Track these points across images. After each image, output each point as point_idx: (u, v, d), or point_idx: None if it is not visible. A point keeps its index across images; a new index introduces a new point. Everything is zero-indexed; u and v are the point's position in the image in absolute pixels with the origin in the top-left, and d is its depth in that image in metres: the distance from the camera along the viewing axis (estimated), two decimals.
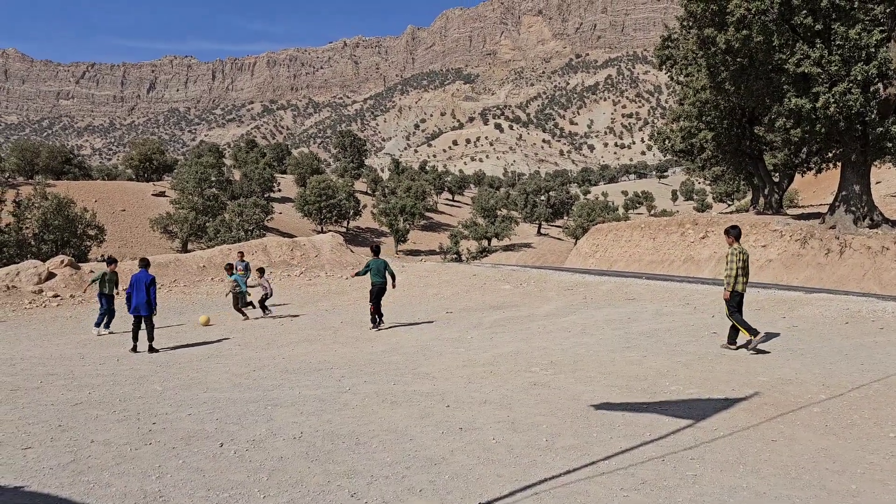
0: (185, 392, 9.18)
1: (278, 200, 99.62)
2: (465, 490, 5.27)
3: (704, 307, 15.99)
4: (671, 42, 39.29)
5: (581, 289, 21.52)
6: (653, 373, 9.39)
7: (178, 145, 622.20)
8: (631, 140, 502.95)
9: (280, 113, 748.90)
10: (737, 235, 10.90)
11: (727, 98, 29.31)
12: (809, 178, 51.05)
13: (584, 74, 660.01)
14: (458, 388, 8.89)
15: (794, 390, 8.11)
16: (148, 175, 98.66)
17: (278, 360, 11.92)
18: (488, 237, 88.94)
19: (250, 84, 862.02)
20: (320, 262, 31.11)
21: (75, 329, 17.52)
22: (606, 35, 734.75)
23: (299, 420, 7.48)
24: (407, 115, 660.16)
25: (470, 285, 24.01)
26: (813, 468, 5.53)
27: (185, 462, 6.09)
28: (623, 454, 6.00)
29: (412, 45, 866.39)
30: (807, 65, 23.24)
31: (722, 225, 32.76)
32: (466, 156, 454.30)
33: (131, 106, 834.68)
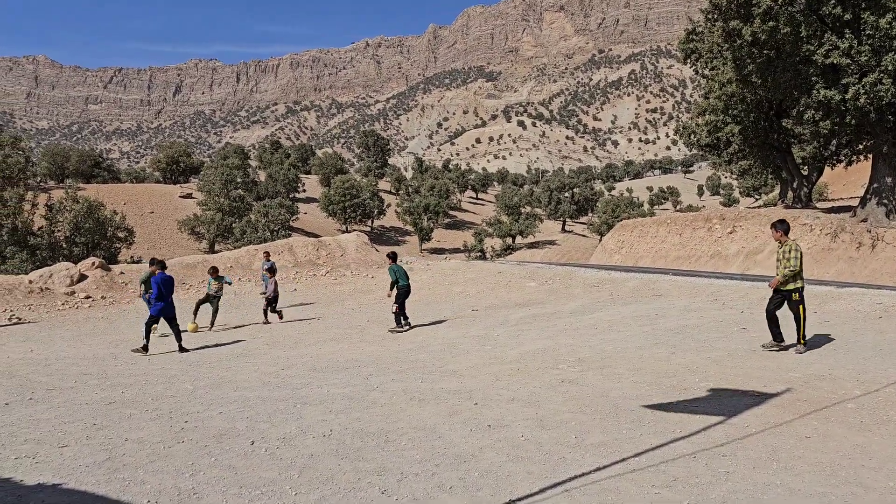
0: (215, 391, 9.29)
1: (303, 201, 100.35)
2: (495, 487, 5.27)
3: (733, 303, 15.81)
4: (696, 35, 38.87)
5: (607, 285, 21.39)
6: (682, 369, 9.30)
7: (204, 147, 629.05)
8: (655, 135, 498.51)
9: (304, 114, 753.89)
10: (786, 230, 10.26)
11: (754, 91, 28.91)
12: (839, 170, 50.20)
13: (608, 70, 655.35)
14: (485, 386, 8.89)
15: (828, 386, 7.99)
16: (175, 177, 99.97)
17: (306, 358, 12.01)
18: (512, 235, 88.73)
19: (274, 86, 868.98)
20: (346, 262, 31.27)
21: (107, 330, 17.80)
22: (629, 30, 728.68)
23: (328, 418, 7.53)
24: (429, 114, 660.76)
25: (495, 283, 23.98)
26: (848, 465, 5.44)
27: (218, 460, 6.17)
28: (653, 451, 5.96)
29: (434, 43, 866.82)
30: (836, 55, 22.84)
31: (750, 220, 32.35)
32: (489, 153, 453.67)
33: (158, 109, 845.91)
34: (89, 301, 22.78)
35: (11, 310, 20.73)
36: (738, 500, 4.81)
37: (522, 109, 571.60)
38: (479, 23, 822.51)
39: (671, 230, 38.03)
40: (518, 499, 5.03)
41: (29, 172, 61.09)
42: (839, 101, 23.46)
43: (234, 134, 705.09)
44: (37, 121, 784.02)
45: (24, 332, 17.39)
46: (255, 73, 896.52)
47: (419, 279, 26.51)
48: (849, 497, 4.80)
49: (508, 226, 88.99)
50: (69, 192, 47.39)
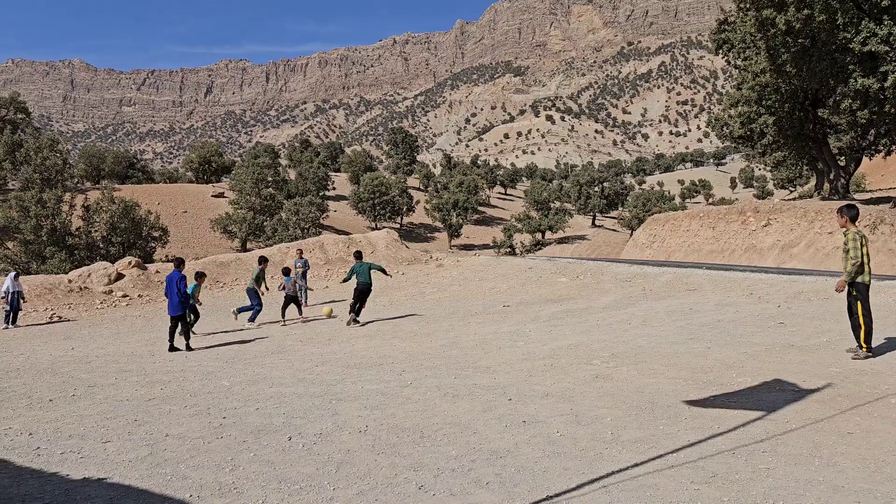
0: (251, 387, 9.41)
1: (333, 198, 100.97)
2: (532, 483, 5.26)
3: (769, 297, 15.56)
4: (728, 25, 38.31)
5: (639, 280, 21.20)
6: (718, 364, 9.19)
7: (235, 147, 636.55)
8: (686, 128, 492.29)
9: (332, 112, 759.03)
10: (853, 217, 9.02)
11: (788, 81, 28.43)
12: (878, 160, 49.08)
13: (637, 62, 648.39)
14: (519, 382, 8.87)
15: (869, 381, 7.83)
16: (207, 177, 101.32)
17: (339, 355, 12.11)
18: (542, 230, 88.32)
19: (303, 84, 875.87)
20: (376, 259, 31.41)
21: (144, 328, 18.12)
22: (659, 21, 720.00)
23: (363, 414, 7.59)
24: (457, 110, 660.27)
25: (526, 279, 23.92)
26: (893, 461, 5.33)
27: (256, 455, 6.25)
28: (691, 447, 5.90)
29: (461, 39, 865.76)
30: (874, 43, 22.33)
31: (785, 212, 31.81)
32: (518, 149, 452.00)
33: (190, 110, 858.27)
34: (126, 299, 23.22)
35: (52, 308, 21.22)
36: (780, 497, 4.74)
37: (551, 104, 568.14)
38: (507, 17, 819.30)
39: (704, 224, 37.55)
40: (555, 494, 5.02)
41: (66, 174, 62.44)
42: (878, 89, 22.95)
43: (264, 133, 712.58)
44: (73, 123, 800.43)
45: (65, 330, 17.79)
46: (285, 73, 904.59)
47: (449, 275, 26.55)
48: (894, 493, 4.70)
49: (538, 221, 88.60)
50: (105, 193, 48.31)
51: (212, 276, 26.86)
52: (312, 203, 76.83)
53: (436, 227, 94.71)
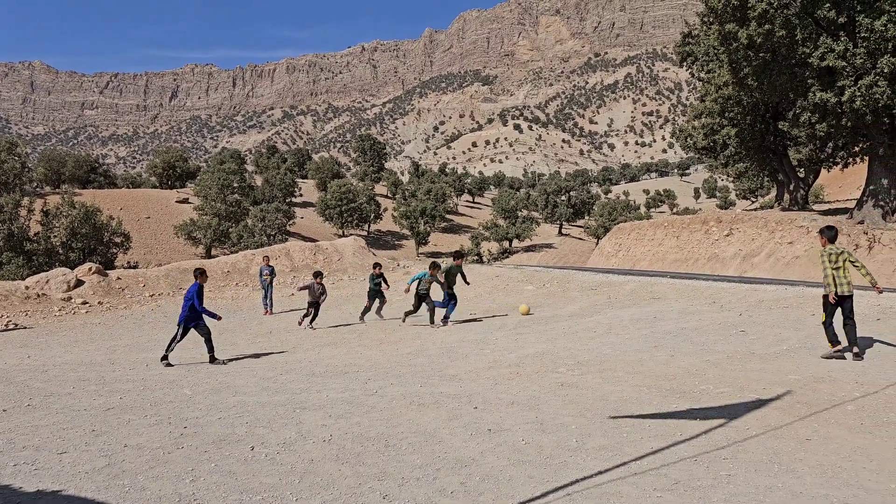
0: (214, 396, 9.26)
1: (300, 205, 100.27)
2: (497, 491, 5.26)
3: (731, 306, 15.82)
4: (692, 38, 39.02)
5: (605, 288, 21.39)
6: (682, 372, 9.30)
7: (201, 152, 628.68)
8: (652, 138, 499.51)
9: (300, 118, 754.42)
10: (830, 237, 10.02)
11: (750, 94, 29.02)
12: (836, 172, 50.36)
13: (604, 73, 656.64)
14: (485, 390, 8.87)
15: (827, 388, 7.99)
16: (171, 182, 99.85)
17: (304, 363, 11.99)
18: (509, 238, 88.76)
19: (270, 90, 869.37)
20: (343, 266, 31.25)
21: (104, 335, 17.75)
22: (625, 33, 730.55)
23: (328, 423, 7.52)
24: (426, 118, 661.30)
25: (493, 287, 23.98)
26: (850, 467, 5.44)
27: (218, 465, 6.14)
28: (655, 454, 5.95)
29: (430, 47, 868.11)
30: (831, 58, 22.94)
31: (746, 222, 32.41)
32: (486, 157, 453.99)
33: (154, 114, 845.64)
34: (86, 307, 22.73)
35: (8, 316, 20.67)
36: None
37: (518, 113, 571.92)
38: (475, 27, 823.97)
39: (668, 233, 38.09)
40: (520, 503, 5.02)
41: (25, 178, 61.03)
42: (835, 103, 23.55)
43: (231, 139, 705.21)
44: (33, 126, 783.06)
45: (21, 338, 17.34)
46: (252, 78, 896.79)
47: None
48: (850, 499, 4.79)
49: (505, 229, 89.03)
50: (65, 198, 47.33)
51: (174, 283, 26.46)
52: (279, 210, 76.16)
53: (403, 235, 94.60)
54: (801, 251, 26.84)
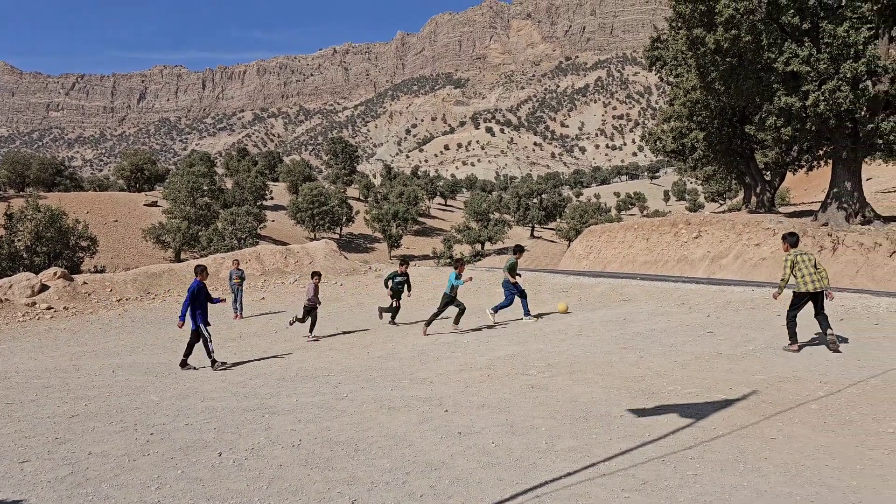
0: (181, 402, 9.14)
1: (271, 208, 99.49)
2: (467, 494, 5.25)
3: (700, 307, 16.02)
4: (660, 43, 39.48)
5: (576, 290, 21.53)
6: (650, 373, 9.39)
7: (170, 155, 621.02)
8: (622, 141, 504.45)
9: (271, 121, 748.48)
10: (792, 243, 10.65)
11: (717, 98, 29.43)
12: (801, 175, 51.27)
13: (574, 77, 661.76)
14: (455, 393, 8.87)
15: (792, 388, 8.13)
16: (140, 185, 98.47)
17: (274, 367, 11.88)
18: (482, 241, 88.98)
19: (241, 92, 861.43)
20: (314, 269, 31.04)
21: (70, 341, 17.42)
22: (595, 37, 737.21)
23: (297, 427, 7.46)
24: (398, 121, 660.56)
25: (464, 289, 23.99)
26: (813, 465, 5.53)
27: (184, 472, 6.06)
28: (623, 455, 6.00)
29: (402, 50, 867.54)
30: (796, 63, 23.37)
31: (714, 224, 32.85)
32: (458, 160, 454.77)
33: (122, 116, 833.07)
34: (51, 312, 22.29)
35: None
36: (706, 503, 4.86)
37: (491, 116, 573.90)
38: (447, 30, 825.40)
39: (638, 235, 38.46)
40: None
41: None
42: (800, 107, 23.99)
43: (200, 141, 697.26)
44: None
45: None
46: (222, 80, 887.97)
47: None
48: (813, 497, 4.88)
49: (477, 232, 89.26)
50: (30, 201, 46.42)
51: (142, 288, 26.08)
52: (249, 213, 75.52)
53: (376, 238, 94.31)
54: (768, 253, 27.28)
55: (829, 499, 4.84)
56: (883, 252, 22.58)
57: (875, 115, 24.58)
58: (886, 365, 8.99)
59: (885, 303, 13.71)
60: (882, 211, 29.56)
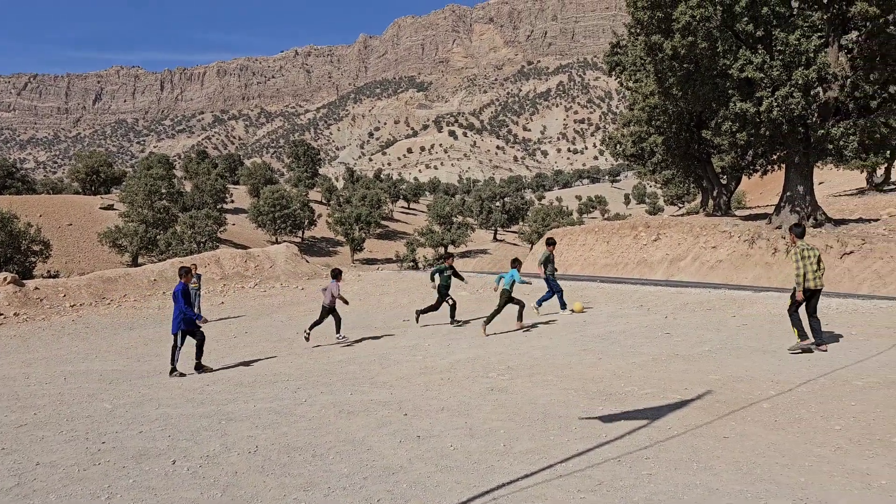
0: (136, 409, 8.95)
1: (231, 211, 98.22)
2: (424, 498, 5.24)
3: (658, 309, 16.26)
4: (620, 49, 40.03)
5: (537, 294, 21.65)
6: (608, 375, 9.49)
7: (127, 157, 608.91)
8: (583, 145, 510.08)
9: (231, 123, 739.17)
10: (799, 234, 10.47)
11: (675, 103, 29.92)
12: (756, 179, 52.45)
13: (536, 81, 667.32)
14: (415, 396, 8.85)
15: (745, 387, 8.29)
16: (95, 188, 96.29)
17: (232, 373, 11.72)
18: (445, 244, 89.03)
19: (200, 94, 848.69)
20: (275, 273, 30.73)
21: (20, 348, 16.94)
22: (557, 42, 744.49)
23: (254, 433, 7.36)
24: (361, 124, 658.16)
25: (427, 293, 23.97)
26: (763, 462, 5.65)
27: (136, 481, 5.93)
28: (580, 456, 6.05)
29: (364, 53, 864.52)
30: (750, 70, 23.89)
31: (673, 227, 33.40)
32: (421, 163, 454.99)
33: (76, 118, 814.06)
34: (1, 318, 21.65)
35: None
36: (660, 502, 4.92)
37: (453, 119, 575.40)
38: (410, 33, 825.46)
39: (599, 238, 38.89)
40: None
41: None
42: (754, 113, 24.52)
43: (159, 143, 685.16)
44: None
45: None
46: (181, 81, 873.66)
47: (350, 290, 26.28)
48: (763, 494, 4.98)
49: (441, 235, 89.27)
50: None
51: (97, 293, 25.51)
52: (209, 216, 74.40)
53: (338, 242, 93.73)
54: (724, 255, 27.82)
55: (778, 495, 4.94)
56: (834, 254, 23.20)
57: (825, 121, 25.25)
58: (835, 364, 9.23)
59: (835, 303, 14.09)
60: (833, 214, 30.39)
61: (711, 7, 23.50)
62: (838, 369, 8.91)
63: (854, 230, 24.22)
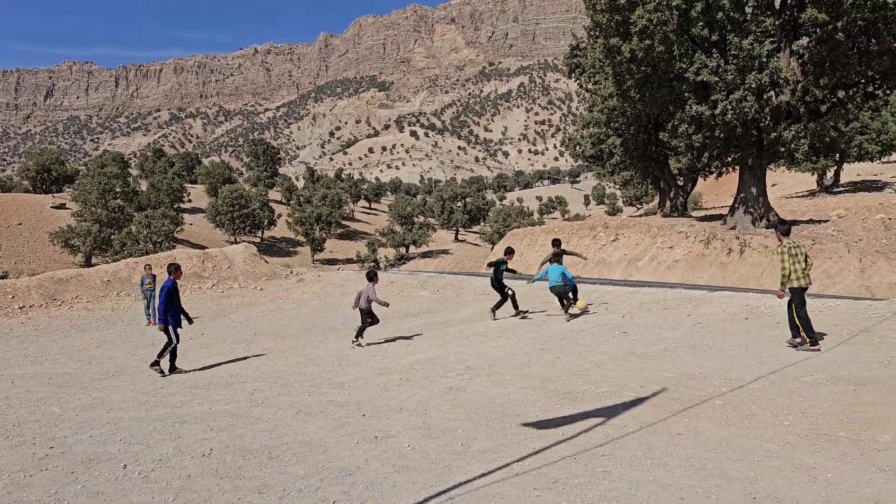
0: (86, 413, 8.73)
1: (189, 211, 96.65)
2: (380, 499, 5.22)
3: (615, 308, 16.47)
4: (579, 51, 40.44)
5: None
6: (566, 373, 9.58)
7: (80, 155, 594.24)
8: (544, 146, 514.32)
9: (189, 121, 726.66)
10: (784, 232, 10.57)
11: (633, 105, 30.34)
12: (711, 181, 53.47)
13: (498, 82, 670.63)
14: (374, 397, 8.81)
15: (698, 385, 8.44)
16: (46, 187, 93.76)
17: (187, 375, 11.51)
18: (406, 244, 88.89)
19: (157, 91, 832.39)
20: (233, 274, 30.31)
21: None
22: (518, 44, 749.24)
23: (209, 436, 7.24)
24: (321, 123, 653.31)
25: (387, 293, 23.90)
26: (715, 458, 5.76)
27: (85, 486, 5.78)
28: (537, 454, 6.09)
29: (325, 52, 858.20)
30: (705, 73, 24.35)
31: (631, 228, 33.87)
32: (382, 163, 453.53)
33: (27, 114, 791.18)
34: None
35: None
36: (614, 498, 4.98)
37: (415, 120, 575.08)
38: (371, 32, 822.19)
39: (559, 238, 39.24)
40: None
41: None
42: (709, 115, 25.00)
43: (113, 141, 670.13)
44: None
45: None
46: (136, 78, 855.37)
47: (310, 290, 26.07)
48: (713, 489, 5.07)
49: (402, 235, 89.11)
50: None
51: (48, 294, 24.84)
52: (166, 216, 73.06)
53: (298, 242, 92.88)
54: (681, 255, 28.31)
55: (729, 490, 5.04)
56: None
57: (778, 125, 25.88)
58: (785, 361, 9.46)
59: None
60: (785, 215, 31.14)
61: (668, 11, 23.90)
62: (788, 366, 9.13)
63: (805, 231, 24.86)
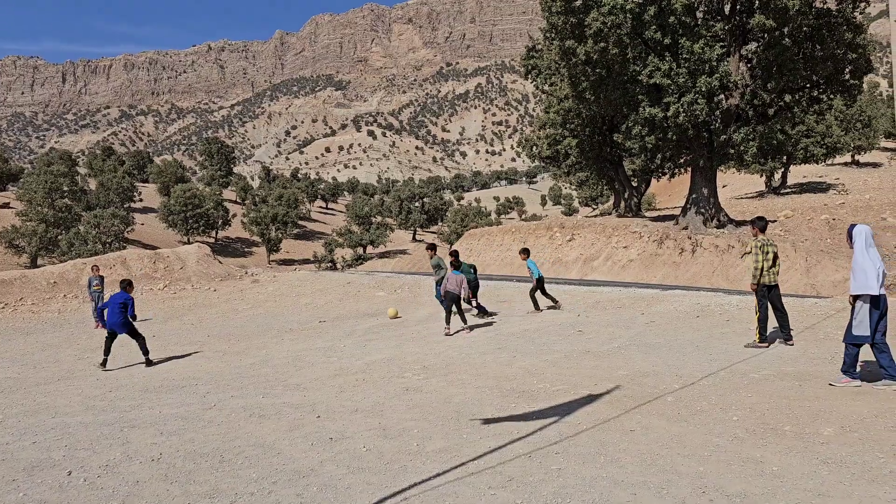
0: (30, 418, 8.46)
1: (140, 211, 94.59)
2: (334, 501, 5.16)
3: (571, 307, 16.64)
4: (536, 53, 40.79)
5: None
6: (522, 372, 9.63)
7: (25, 153, 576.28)
8: (501, 147, 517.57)
9: (140, 119, 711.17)
10: (762, 227, 10.39)
11: (588, 107, 30.73)
12: (664, 182, 54.47)
13: (455, 82, 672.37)
14: (329, 398, 8.73)
15: (651, 382, 8.57)
16: None
17: (137, 378, 11.25)
18: (363, 245, 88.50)
19: (106, 88, 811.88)
20: (186, 275, 29.75)
21: None
22: (475, 44, 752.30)
23: (159, 441, 7.08)
24: (277, 122, 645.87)
25: (344, 293, 23.75)
26: (666, 454, 5.85)
27: (27, 495, 5.59)
28: (492, 453, 6.10)
29: (281, 50, 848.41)
30: (658, 76, 24.80)
31: (587, 228, 34.29)
32: (340, 163, 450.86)
33: None
34: None
35: None
36: (568, 495, 5.02)
37: (372, 119, 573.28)
38: (328, 31, 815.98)
39: (516, 238, 39.50)
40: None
41: None
42: (662, 118, 25.47)
43: (60, 138, 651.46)
44: None
45: None
46: (85, 74, 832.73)
47: (265, 291, 25.75)
48: (664, 484, 5.15)
49: (359, 236, 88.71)
50: None
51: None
52: (115, 215, 71.36)
53: (254, 242, 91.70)
54: (635, 255, 28.77)
55: (678, 484, 5.13)
56: (735, 253, 24.35)
57: (727, 127, 26.51)
58: (734, 358, 9.68)
59: (736, 300, 14.77)
60: (735, 215, 31.90)
61: (622, 14, 24.26)
62: (737, 363, 9.34)
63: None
